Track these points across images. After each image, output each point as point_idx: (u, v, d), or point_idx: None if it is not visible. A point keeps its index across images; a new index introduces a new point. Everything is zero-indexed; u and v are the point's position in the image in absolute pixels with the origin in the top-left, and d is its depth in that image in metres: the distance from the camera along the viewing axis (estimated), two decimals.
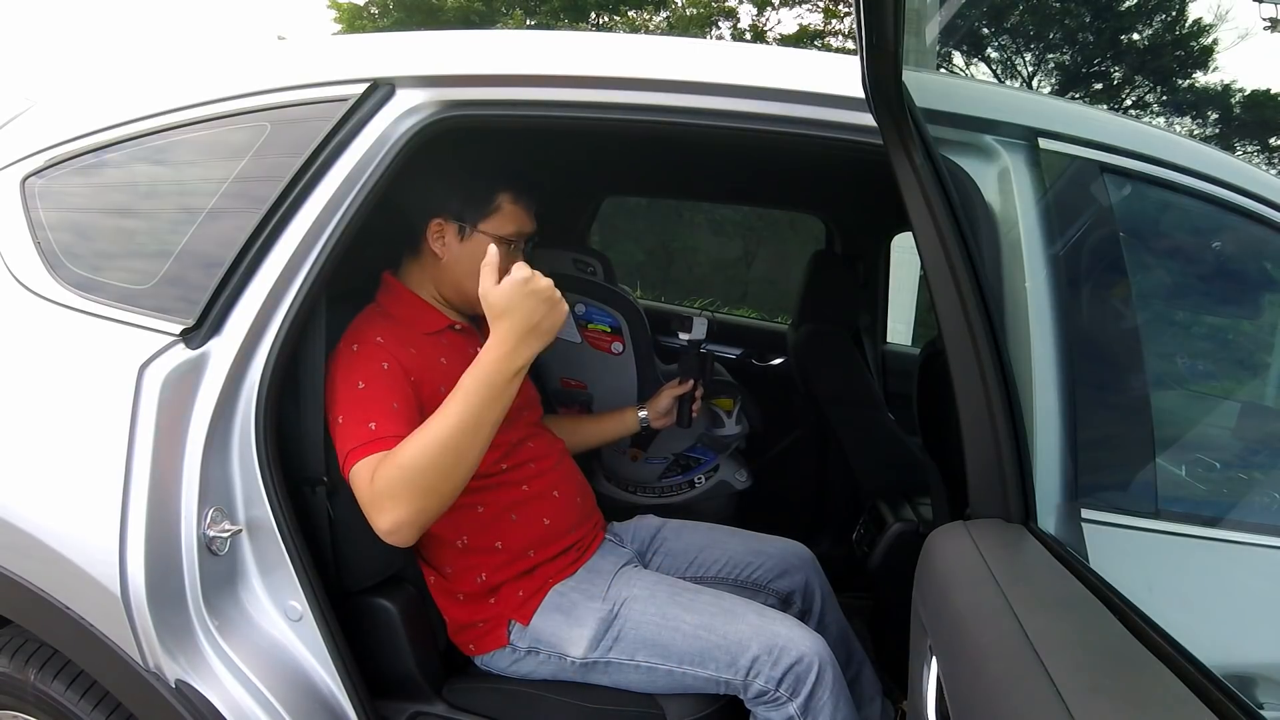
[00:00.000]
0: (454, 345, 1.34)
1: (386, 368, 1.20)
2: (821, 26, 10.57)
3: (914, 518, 1.83)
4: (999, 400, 0.84)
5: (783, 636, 1.20)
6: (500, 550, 1.31)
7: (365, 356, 1.20)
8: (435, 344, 1.31)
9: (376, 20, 10.46)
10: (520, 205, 1.30)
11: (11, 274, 1.23)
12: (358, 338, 1.23)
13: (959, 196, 0.89)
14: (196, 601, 1.09)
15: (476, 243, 1.27)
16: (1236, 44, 8.75)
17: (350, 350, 1.21)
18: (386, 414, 1.15)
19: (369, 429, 1.13)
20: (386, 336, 1.23)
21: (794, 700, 1.18)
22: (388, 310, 1.32)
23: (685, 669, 1.22)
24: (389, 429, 1.13)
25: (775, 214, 7.59)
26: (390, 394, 1.18)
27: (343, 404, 1.17)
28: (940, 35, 1.52)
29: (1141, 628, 0.63)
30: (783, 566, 1.47)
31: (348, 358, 1.21)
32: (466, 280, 1.28)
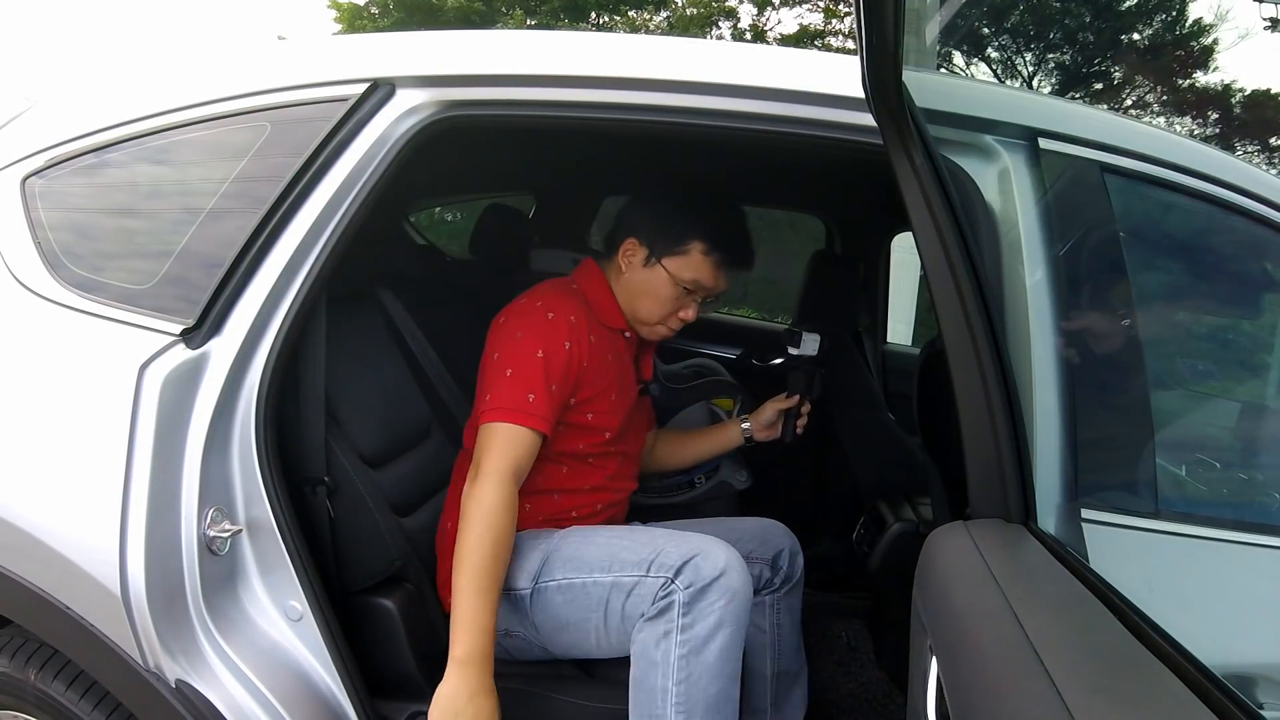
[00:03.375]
0: (619, 350, 1.41)
1: (568, 348, 1.26)
2: (821, 26, 10.57)
3: (914, 518, 1.83)
4: (999, 400, 0.84)
5: (700, 543, 1.18)
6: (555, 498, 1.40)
7: (556, 328, 1.27)
8: (611, 340, 1.40)
9: (376, 20, 10.47)
10: (712, 259, 1.33)
11: (11, 274, 1.23)
12: (554, 306, 1.30)
13: (959, 196, 0.89)
14: (196, 601, 1.09)
15: (656, 273, 1.34)
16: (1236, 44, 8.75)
17: (545, 315, 1.28)
18: (546, 393, 1.23)
19: (527, 399, 1.21)
20: (579, 318, 1.31)
21: (682, 590, 1.13)
22: (584, 292, 1.39)
23: (594, 577, 1.21)
24: (541, 410, 1.22)
25: (775, 214, 7.58)
26: (557, 375, 1.25)
27: (515, 359, 1.24)
28: (940, 35, 1.52)
29: (1141, 628, 0.63)
30: (761, 538, 1.50)
31: (539, 320, 1.28)
32: (638, 302, 1.37)
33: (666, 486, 2.18)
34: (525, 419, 1.21)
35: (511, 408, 1.21)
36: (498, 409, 1.21)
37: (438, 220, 5.37)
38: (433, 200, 3.07)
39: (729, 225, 1.37)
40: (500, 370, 1.24)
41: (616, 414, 1.39)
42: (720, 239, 1.34)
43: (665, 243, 1.33)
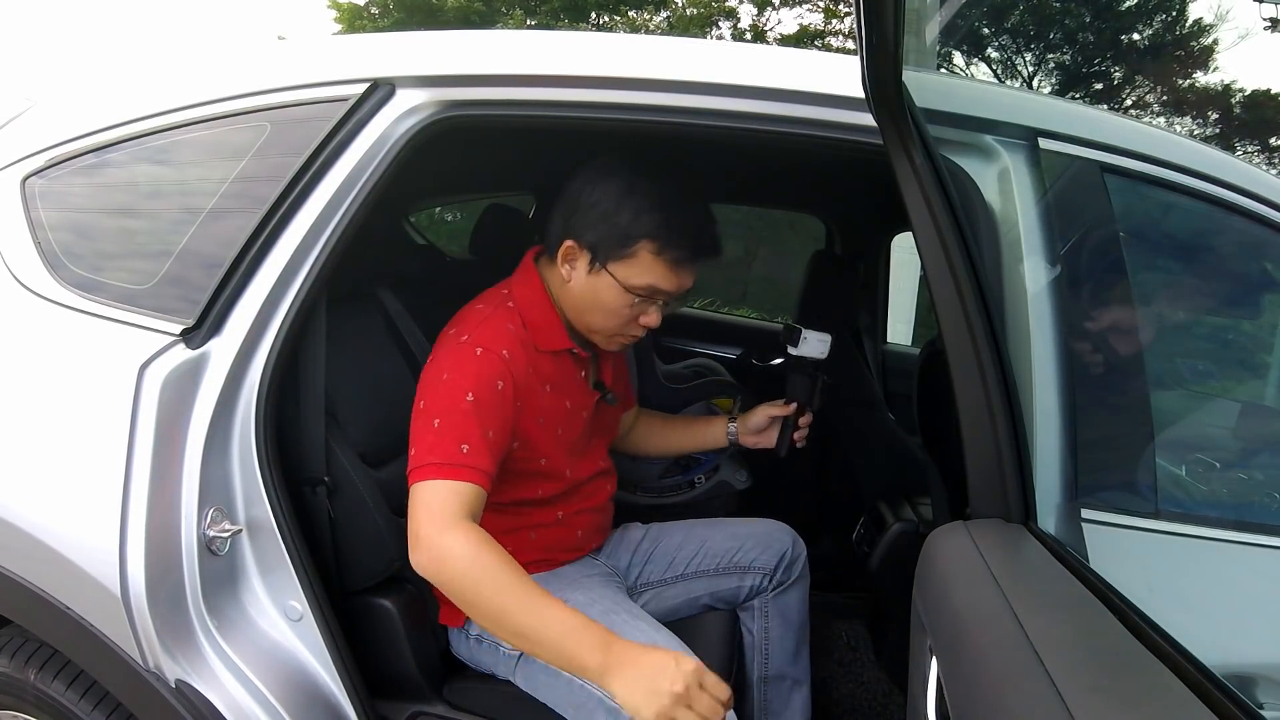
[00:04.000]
0: (565, 369, 1.26)
1: (501, 388, 1.12)
2: (821, 26, 10.57)
3: (914, 518, 1.83)
4: (999, 400, 0.84)
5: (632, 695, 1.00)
6: None
7: (486, 367, 1.12)
8: (550, 364, 1.23)
9: (376, 20, 10.47)
10: (665, 259, 1.14)
11: (12, 274, 1.24)
12: (483, 338, 1.14)
13: (959, 196, 0.89)
14: (196, 601, 1.09)
15: (603, 281, 1.16)
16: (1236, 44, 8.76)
17: (473, 352, 1.12)
18: (481, 441, 1.08)
19: (460, 451, 1.05)
20: (513, 350, 1.16)
21: None
22: (521, 312, 1.22)
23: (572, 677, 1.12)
24: (477, 461, 1.06)
25: (775, 214, 7.58)
26: (492, 419, 1.10)
27: (443, 405, 1.09)
28: (940, 35, 1.52)
29: (1141, 628, 0.63)
30: (763, 543, 1.44)
31: (467, 357, 1.12)
32: (588, 315, 1.20)
33: (666, 486, 2.18)
34: (460, 472, 1.04)
35: (442, 461, 1.04)
36: (428, 465, 1.05)
37: (438, 220, 5.37)
38: (433, 200, 3.07)
39: (679, 216, 1.14)
40: (428, 420, 1.08)
41: (563, 446, 1.26)
42: (671, 234, 1.13)
43: (608, 246, 1.14)
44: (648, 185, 1.14)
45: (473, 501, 1.05)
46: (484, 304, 1.23)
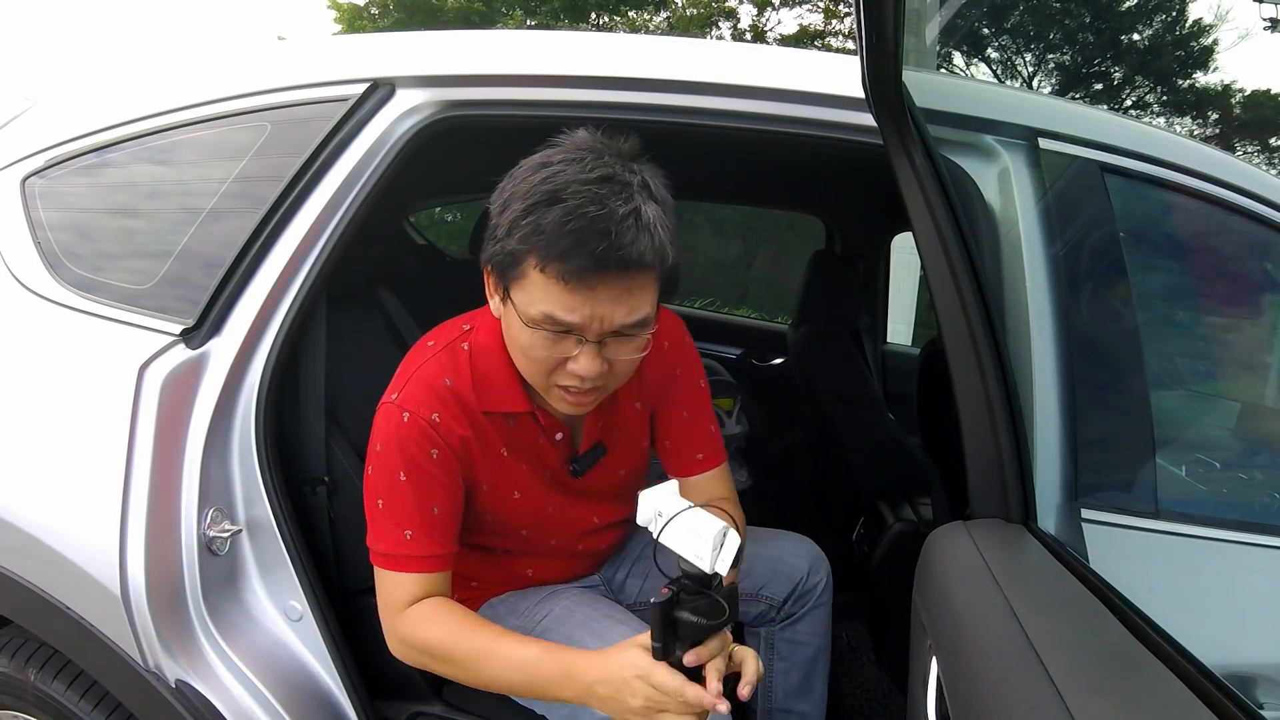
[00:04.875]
0: (523, 432, 1.07)
1: (436, 456, 0.99)
2: (821, 26, 10.57)
3: (914, 518, 1.83)
4: (999, 400, 0.84)
5: None
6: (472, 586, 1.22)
7: (413, 437, 0.98)
8: (502, 427, 1.05)
9: (376, 20, 10.47)
10: (551, 277, 0.86)
11: (12, 274, 1.24)
12: (410, 401, 0.99)
13: (959, 196, 0.89)
14: (196, 601, 1.09)
15: (510, 315, 0.94)
16: (1236, 44, 8.76)
17: (399, 415, 0.98)
18: (423, 525, 0.99)
19: (403, 538, 0.98)
20: (446, 411, 1.00)
21: None
22: (473, 359, 1.03)
23: None
24: (422, 549, 0.98)
25: (775, 214, 7.59)
26: (434, 493, 1.00)
27: (382, 484, 0.99)
28: (940, 35, 1.52)
29: (1141, 628, 0.63)
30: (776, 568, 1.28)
31: (394, 423, 0.99)
32: (515, 354, 0.98)
33: None
34: (404, 564, 0.98)
35: (385, 552, 0.99)
36: (375, 552, 1.00)
37: (438, 220, 5.37)
38: (433, 200, 3.07)
39: (557, 216, 0.85)
40: (372, 497, 1.00)
41: (528, 513, 1.12)
42: (547, 242, 0.85)
43: (502, 269, 0.91)
44: (528, 183, 0.88)
45: (423, 588, 1.00)
46: (435, 341, 1.05)
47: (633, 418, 1.15)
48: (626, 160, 0.91)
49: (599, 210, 0.84)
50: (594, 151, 0.90)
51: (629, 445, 1.17)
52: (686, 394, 1.18)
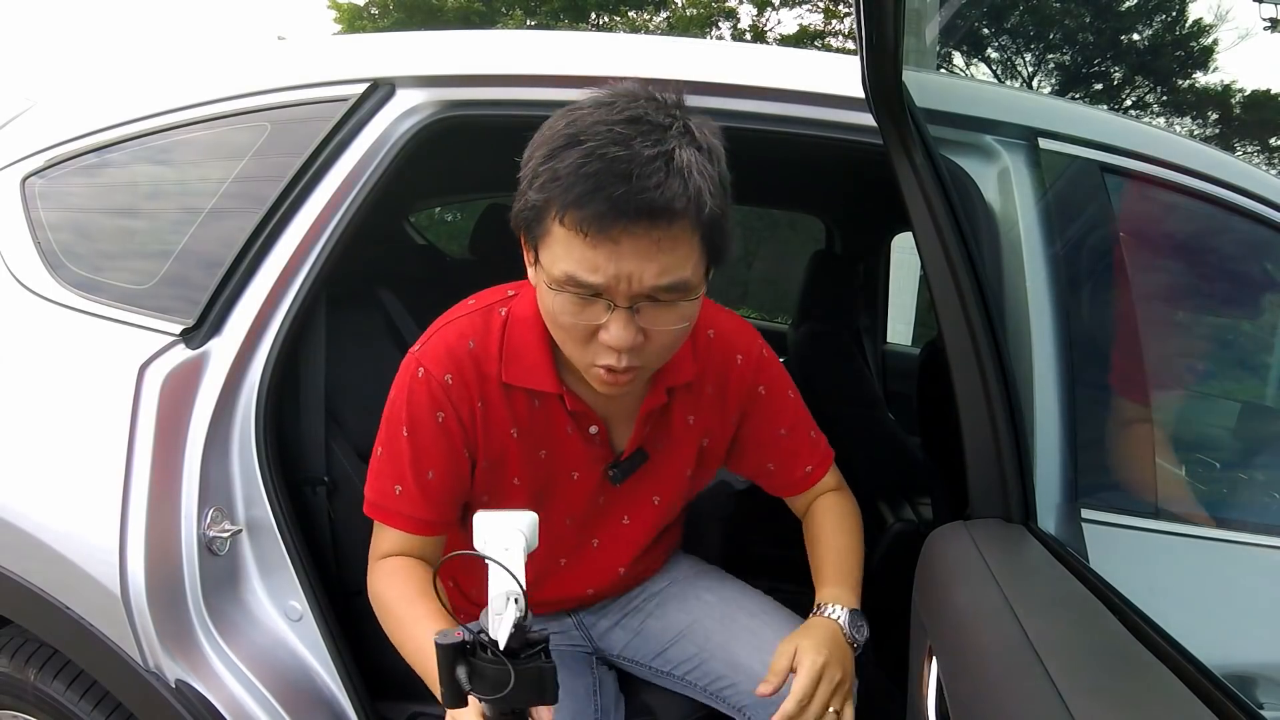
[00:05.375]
0: (548, 417, 0.97)
1: (442, 420, 0.93)
2: (821, 26, 10.58)
3: (914, 518, 1.83)
4: (999, 400, 0.84)
5: None
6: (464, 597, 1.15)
7: (423, 394, 0.93)
8: (526, 402, 0.96)
9: (376, 20, 10.47)
10: (570, 230, 0.76)
11: (12, 274, 1.24)
12: (429, 357, 0.93)
13: (959, 196, 0.89)
14: (196, 601, 1.09)
15: (540, 280, 0.84)
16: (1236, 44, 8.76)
17: (415, 369, 0.93)
18: (416, 485, 0.94)
19: (393, 493, 0.94)
20: (463, 375, 0.93)
21: None
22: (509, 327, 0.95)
23: None
24: (411, 508, 0.94)
25: (775, 214, 7.59)
26: (433, 458, 0.94)
27: (386, 432, 0.95)
28: (940, 35, 1.52)
29: (1141, 628, 0.63)
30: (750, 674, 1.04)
31: (410, 375, 0.94)
32: (549, 324, 0.88)
33: None
34: (389, 518, 0.95)
35: (375, 502, 0.95)
36: (367, 501, 0.97)
37: (438, 220, 5.37)
38: (433, 200, 3.07)
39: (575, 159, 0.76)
40: (376, 444, 0.96)
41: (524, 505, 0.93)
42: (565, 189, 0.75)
43: (531, 229, 0.82)
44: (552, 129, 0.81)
45: (401, 546, 0.96)
46: (476, 300, 1.00)
47: (682, 433, 1.03)
48: (669, 107, 0.79)
49: (621, 151, 0.74)
50: (629, 95, 0.80)
51: (671, 464, 1.04)
52: (780, 409, 1.07)
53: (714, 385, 1.03)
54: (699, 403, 1.03)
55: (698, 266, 0.81)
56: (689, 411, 1.03)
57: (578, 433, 0.99)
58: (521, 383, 0.94)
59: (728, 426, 1.06)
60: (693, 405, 1.03)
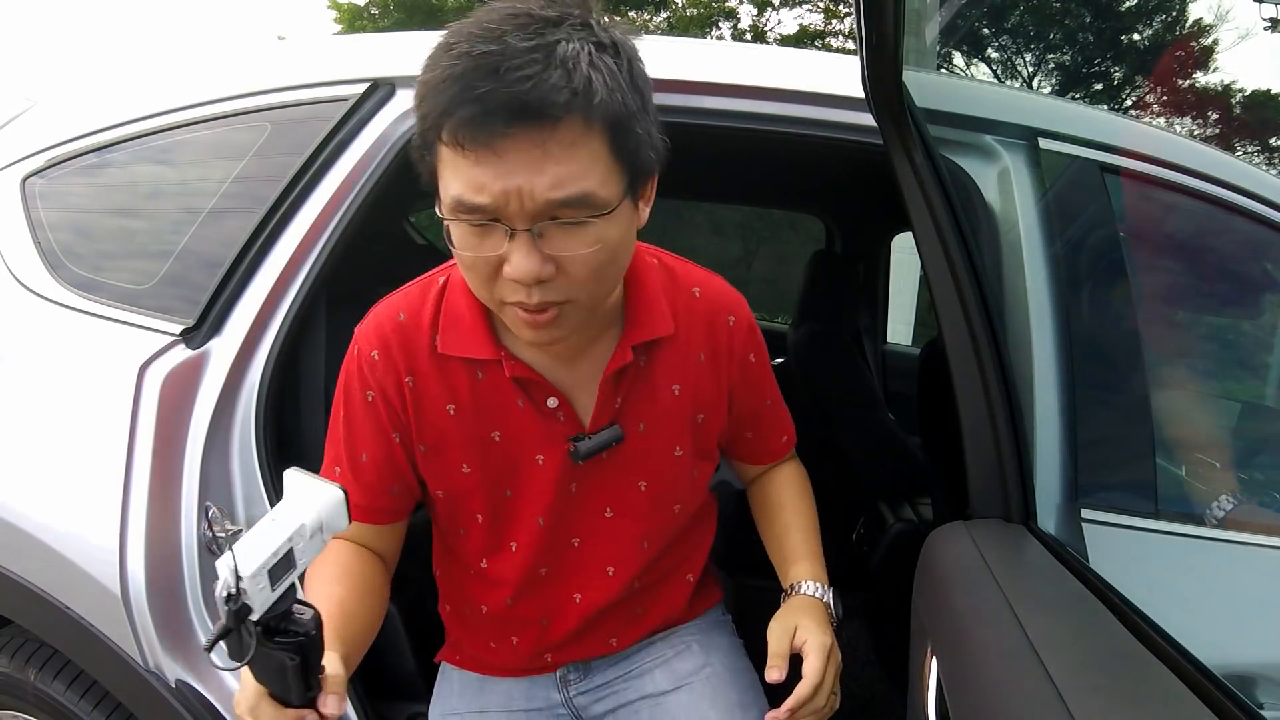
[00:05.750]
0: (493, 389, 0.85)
1: (370, 400, 0.86)
2: (821, 26, 10.57)
3: (914, 518, 1.83)
4: (999, 400, 0.84)
5: None
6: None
7: (352, 373, 0.87)
8: (465, 379, 0.85)
9: (376, 20, 10.47)
10: (457, 149, 0.66)
11: (12, 274, 1.23)
12: (362, 333, 0.87)
13: (959, 196, 0.89)
14: (196, 601, 1.09)
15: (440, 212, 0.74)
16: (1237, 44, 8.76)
17: (353, 347, 0.88)
18: (350, 467, 0.88)
19: (334, 472, 0.89)
20: (389, 348, 0.85)
21: None
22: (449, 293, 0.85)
23: None
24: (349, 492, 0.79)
25: (775, 214, 7.58)
26: (362, 441, 0.87)
27: (333, 410, 0.91)
28: (940, 35, 1.52)
29: (1141, 628, 0.63)
30: None
31: (348, 356, 0.89)
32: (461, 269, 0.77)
33: None
34: None
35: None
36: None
37: (438, 220, 5.37)
38: (433, 200, 3.07)
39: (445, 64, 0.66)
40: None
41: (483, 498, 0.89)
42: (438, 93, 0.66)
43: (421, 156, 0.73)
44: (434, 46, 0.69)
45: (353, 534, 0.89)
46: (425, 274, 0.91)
47: (668, 405, 0.89)
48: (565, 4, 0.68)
49: (492, 47, 0.63)
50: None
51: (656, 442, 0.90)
52: (766, 377, 1.00)
53: (705, 350, 0.91)
54: (686, 369, 0.89)
55: (608, 178, 0.68)
56: (673, 379, 0.89)
57: (531, 406, 0.85)
58: (456, 350, 0.83)
59: (721, 398, 0.94)
60: (678, 371, 0.89)
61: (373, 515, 0.90)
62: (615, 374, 0.86)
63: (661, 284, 0.89)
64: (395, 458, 0.88)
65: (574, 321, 0.76)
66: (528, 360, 0.85)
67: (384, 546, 0.92)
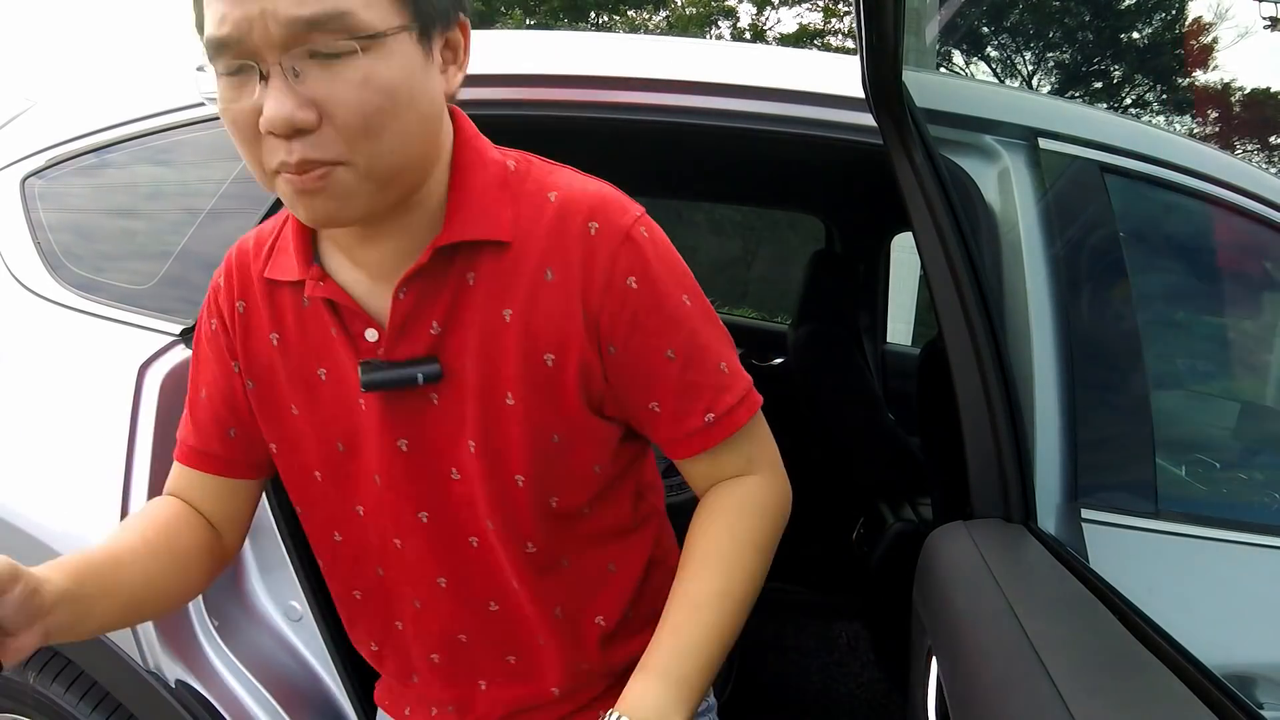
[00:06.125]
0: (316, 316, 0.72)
1: (214, 328, 0.78)
2: (821, 26, 10.58)
3: (914, 518, 1.83)
4: (999, 400, 0.84)
5: None
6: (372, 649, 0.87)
7: (207, 300, 0.80)
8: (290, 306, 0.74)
9: None
10: None
11: (12, 274, 1.23)
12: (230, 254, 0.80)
13: (959, 196, 0.89)
14: (197, 601, 1.09)
15: None
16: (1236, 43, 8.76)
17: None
18: (191, 405, 0.79)
19: (185, 417, 0.80)
20: (227, 278, 0.77)
21: None
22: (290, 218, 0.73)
23: None
24: (183, 432, 0.79)
25: (775, 214, 7.59)
26: (203, 374, 0.78)
27: None
28: (940, 35, 1.52)
29: (1141, 628, 0.63)
30: None
31: None
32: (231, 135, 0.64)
33: (667, 487, 2.18)
34: (176, 445, 0.80)
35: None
36: None
37: None
38: None
39: None
40: None
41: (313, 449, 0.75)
42: None
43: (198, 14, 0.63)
44: None
45: (176, 483, 0.79)
46: None
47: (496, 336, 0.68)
48: None
49: None
50: None
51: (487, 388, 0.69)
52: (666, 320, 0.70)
53: (555, 266, 0.67)
54: (521, 288, 0.68)
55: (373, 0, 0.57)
56: (505, 301, 0.68)
57: (345, 338, 0.70)
58: (275, 272, 0.73)
59: (582, 336, 0.68)
60: (512, 292, 0.68)
61: (204, 461, 0.77)
62: (416, 285, 0.67)
63: (502, 183, 0.69)
64: (234, 392, 0.77)
65: (352, 190, 0.60)
66: (342, 282, 0.69)
67: (215, 507, 0.78)
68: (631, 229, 0.69)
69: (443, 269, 0.67)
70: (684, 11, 10.65)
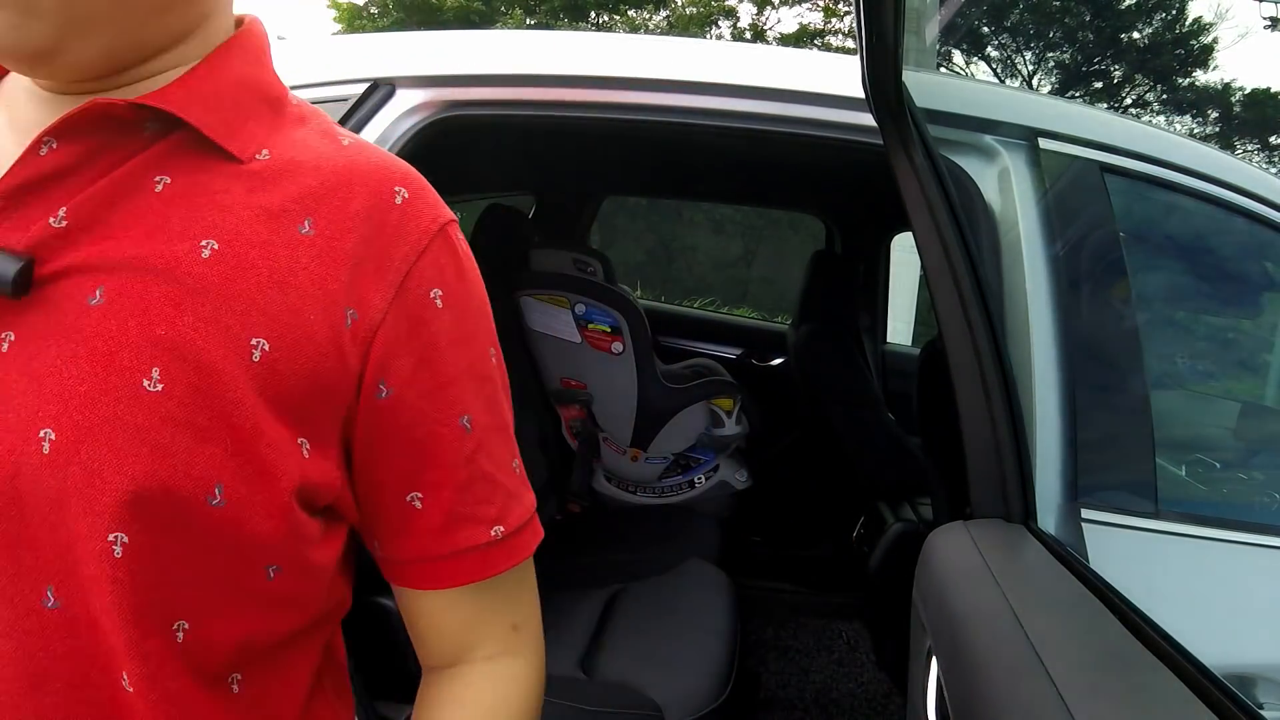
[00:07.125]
0: None
1: None
2: (821, 26, 10.57)
3: (914, 518, 1.83)
4: (999, 400, 0.84)
5: None
6: None
7: None
8: None
9: (376, 20, 10.46)
10: None
11: None
12: None
13: (959, 196, 0.89)
14: None
15: None
16: (1236, 43, 8.77)
17: None
18: None
19: None
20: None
21: None
22: None
23: None
24: None
25: (775, 214, 7.59)
26: None
27: None
28: (940, 35, 1.52)
29: (1141, 628, 0.63)
30: None
31: None
32: None
33: (666, 487, 2.18)
34: None
35: None
36: None
37: None
38: None
39: None
40: None
41: None
42: None
43: None
44: None
45: None
46: None
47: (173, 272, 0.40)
48: None
49: None
50: None
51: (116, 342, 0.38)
52: (467, 373, 0.48)
53: (322, 226, 0.43)
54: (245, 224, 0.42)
55: None
56: (209, 229, 0.42)
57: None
58: None
59: (325, 331, 0.42)
60: (227, 221, 0.42)
61: None
62: (72, 145, 0.40)
63: (271, 100, 0.49)
64: None
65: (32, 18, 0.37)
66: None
67: None
68: (449, 225, 0.50)
69: (121, 146, 0.42)
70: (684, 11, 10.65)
